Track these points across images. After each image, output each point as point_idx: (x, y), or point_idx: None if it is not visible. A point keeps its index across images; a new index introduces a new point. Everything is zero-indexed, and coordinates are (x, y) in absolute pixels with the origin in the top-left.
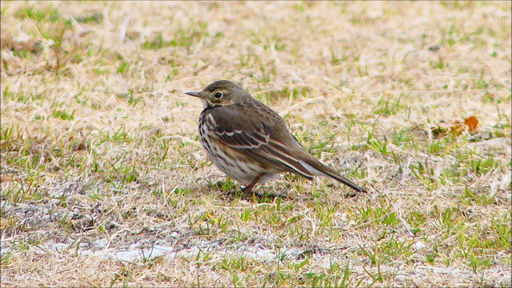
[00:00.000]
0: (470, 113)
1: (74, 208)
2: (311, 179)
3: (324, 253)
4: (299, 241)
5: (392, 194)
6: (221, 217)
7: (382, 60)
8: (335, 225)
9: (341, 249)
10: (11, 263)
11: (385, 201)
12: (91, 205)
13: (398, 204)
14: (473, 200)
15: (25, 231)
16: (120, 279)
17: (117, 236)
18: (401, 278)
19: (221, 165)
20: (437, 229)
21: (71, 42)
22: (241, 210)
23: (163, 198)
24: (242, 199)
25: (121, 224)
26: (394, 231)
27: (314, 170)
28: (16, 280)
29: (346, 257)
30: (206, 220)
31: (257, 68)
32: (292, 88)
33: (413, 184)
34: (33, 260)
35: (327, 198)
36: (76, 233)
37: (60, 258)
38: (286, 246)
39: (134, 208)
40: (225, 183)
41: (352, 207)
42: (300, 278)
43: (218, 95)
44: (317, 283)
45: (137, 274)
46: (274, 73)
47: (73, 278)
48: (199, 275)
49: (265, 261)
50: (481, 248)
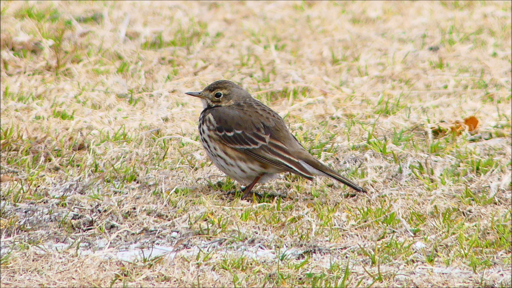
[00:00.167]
0: (470, 113)
1: (74, 208)
2: (311, 179)
3: (324, 253)
4: (299, 241)
5: (392, 194)
6: (221, 217)
7: (382, 60)
8: (335, 225)
9: (341, 249)
10: (11, 263)
11: (385, 201)
12: (91, 205)
13: (398, 204)
14: (473, 200)
15: (25, 231)
16: (120, 279)
17: (117, 236)
18: (401, 278)
19: (221, 165)
20: (437, 229)
21: (71, 42)
22: (241, 210)
23: (163, 198)
24: (242, 199)
25: (121, 224)
26: (394, 231)
27: (314, 170)
28: (16, 280)
29: (346, 257)
30: (206, 220)
31: (257, 68)
32: (292, 88)
33: (413, 184)
34: (33, 260)
35: (327, 198)
36: (76, 233)
37: (60, 258)
38: (286, 246)
39: (134, 208)
40: (225, 183)
41: (352, 207)
42: (300, 278)
43: (218, 95)
44: (317, 283)
45: (137, 274)
46: (274, 73)
47: (73, 278)
48: (199, 275)
49: (265, 261)
50: (481, 248)
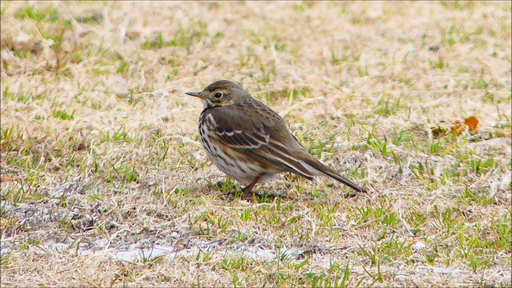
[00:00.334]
0: (470, 113)
1: (74, 208)
2: (311, 179)
3: (324, 253)
4: (299, 241)
5: (392, 194)
6: (221, 217)
7: (382, 60)
8: (335, 225)
9: (341, 249)
10: (11, 263)
11: (385, 201)
12: (91, 205)
13: (398, 204)
14: (473, 200)
15: (25, 231)
16: (120, 279)
17: (117, 236)
18: (401, 278)
19: (221, 165)
20: (437, 229)
21: (71, 42)
22: (241, 210)
23: (163, 198)
24: (242, 199)
25: (121, 224)
26: (394, 231)
27: (314, 170)
28: (16, 280)
29: (346, 257)
30: (206, 220)
31: (257, 68)
32: (292, 88)
33: (413, 184)
34: (33, 260)
35: (327, 198)
36: (76, 233)
37: (60, 258)
38: (286, 246)
39: (134, 208)
40: (225, 183)
41: (352, 207)
42: (300, 278)
43: (218, 95)
44: (317, 283)
45: (137, 274)
46: (274, 73)
47: (73, 278)
48: (199, 275)
49: (265, 261)
50: (481, 248)
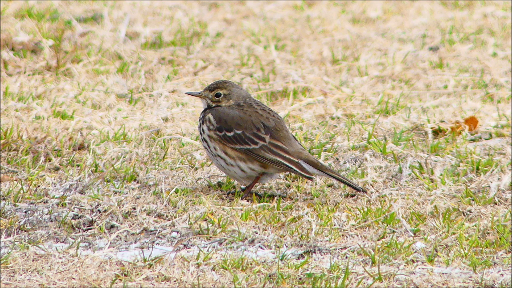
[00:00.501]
0: (470, 113)
1: (74, 208)
2: (311, 179)
3: (324, 253)
4: (299, 241)
5: (392, 194)
6: (221, 217)
7: (382, 60)
8: (335, 225)
9: (341, 249)
10: (11, 263)
11: (385, 201)
12: (91, 205)
13: (398, 204)
14: (473, 200)
15: (25, 231)
16: (120, 279)
17: (117, 236)
18: (401, 278)
19: (221, 165)
20: (437, 229)
21: (71, 42)
22: (241, 210)
23: (163, 198)
24: (242, 199)
25: (121, 224)
26: (394, 231)
27: (314, 170)
28: (16, 280)
29: (346, 257)
30: (206, 220)
31: (257, 68)
32: (292, 88)
33: (413, 184)
34: (33, 260)
35: (327, 198)
36: (76, 233)
37: (60, 258)
38: (286, 246)
39: (134, 208)
40: (225, 183)
41: (352, 207)
42: (300, 278)
43: (218, 95)
44: (317, 283)
45: (137, 274)
46: (274, 73)
47: (73, 278)
48: (199, 275)
49: (265, 261)
50: (481, 248)
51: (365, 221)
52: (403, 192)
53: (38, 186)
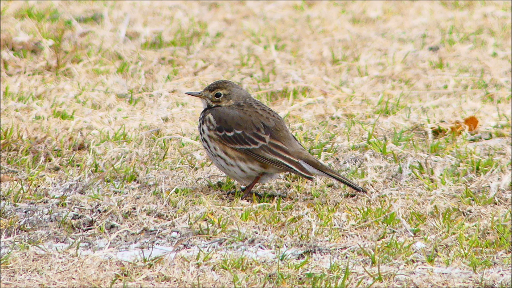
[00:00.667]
0: (470, 113)
1: (74, 208)
2: (311, 179)
3: (324, 253)
4: (299, 241)
5: (392, 194)
6: (221, 217)
7: (382, 60)
8: (335, 225)
9: (341, 249)
10: (11, 263)
11: (385, 201)
12: (91, 205)
13: (398, 204)
14: (473, 200)
15: (25, 231)
16: (120, 279)
17: (117, 236)
18: (401, 278)
19: (221, 165)
20: (437, 229)
21: (71, 42)
22: (241, 210)
23: (163, 198)
24: (242, 199)
25: (121, 224)
26: (394, 231)
27: (314, 170)
28: (16, 280)
29: (346, 257)
30: (206, 220)
31: (257, 68)
32: (292, 88)
33: (413, 184)
34: (33, 260)
35: (327, 198)
36: (76, 233)
37: (60, 258)
38: (286, 246)
39: (134, 208)
40: (225, 183)
41: (352, 207)
42: (300, 278)
43: (218, 95)
44: (317, 283)
45: (137, 274)
46: (274, 73)
47: (73, 278)
48: (199, 275)
49: (265, 261)
50: (481, 248)
51: (365, 221)
52: (403, 192)
53: (38, 186)
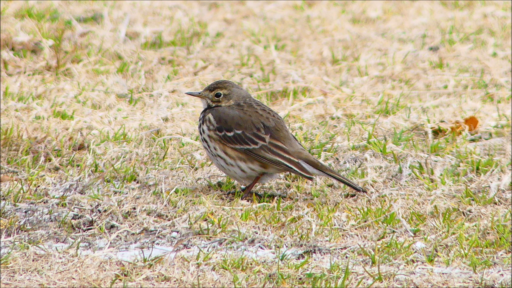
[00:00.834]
0: (470, 113)
1: (74, 208)
2: (311, 179)
3: (324, 253)
4: (299, 241)
5: (392, 194)
6: (221, 217)
7: (382, 60)
8: (335, 225)
9: (341, 249)
10: (11, 263)
11: (385, 201)
12: (91, 205)
13: (398, 204)
14: (473, 200)
15: (25, 231)
16: (120, 279)
17: (117, 236)
18: (401, 278)
19: (221, 165)
20: (437, 229)
21: (71, 42)
22: (241, 210)
23: (163, 198)
24: (242, 199)
25: (121, 224)
26: (394, 231)
27: (314, 170)
28: (16, 280)
29: (346, 257)
30: (206, 220)
31: (257, 68)
32: (292, 88)
33: (413, 184)
34: (33, 260)
35: (327, 198)
36: (76, 233)
37: (60, 258)
38: (286, 246)
39: (134, 208)
40: (225, 183)
41: (352, 207)
42: (300, 278)
43: (218, 95)
44: (317, 283)
45: (137, 274)
46: (274, 73)
47: (73, 278)
48: (199, 275)
49: (265, 261)
50: (481, 248)
51: (365, 221)
52: (403, 192)
53: (38, 186)
